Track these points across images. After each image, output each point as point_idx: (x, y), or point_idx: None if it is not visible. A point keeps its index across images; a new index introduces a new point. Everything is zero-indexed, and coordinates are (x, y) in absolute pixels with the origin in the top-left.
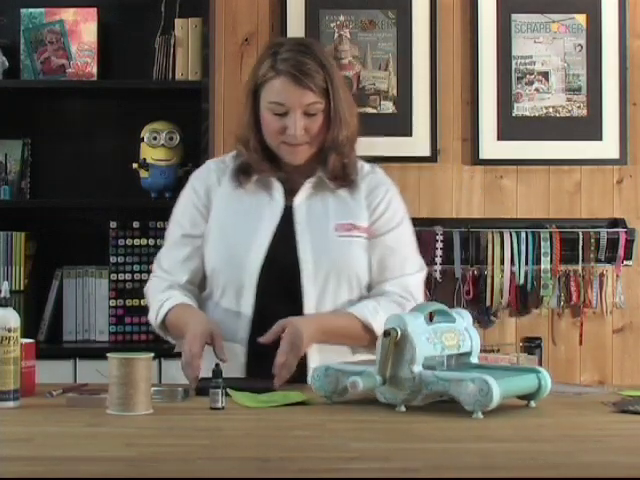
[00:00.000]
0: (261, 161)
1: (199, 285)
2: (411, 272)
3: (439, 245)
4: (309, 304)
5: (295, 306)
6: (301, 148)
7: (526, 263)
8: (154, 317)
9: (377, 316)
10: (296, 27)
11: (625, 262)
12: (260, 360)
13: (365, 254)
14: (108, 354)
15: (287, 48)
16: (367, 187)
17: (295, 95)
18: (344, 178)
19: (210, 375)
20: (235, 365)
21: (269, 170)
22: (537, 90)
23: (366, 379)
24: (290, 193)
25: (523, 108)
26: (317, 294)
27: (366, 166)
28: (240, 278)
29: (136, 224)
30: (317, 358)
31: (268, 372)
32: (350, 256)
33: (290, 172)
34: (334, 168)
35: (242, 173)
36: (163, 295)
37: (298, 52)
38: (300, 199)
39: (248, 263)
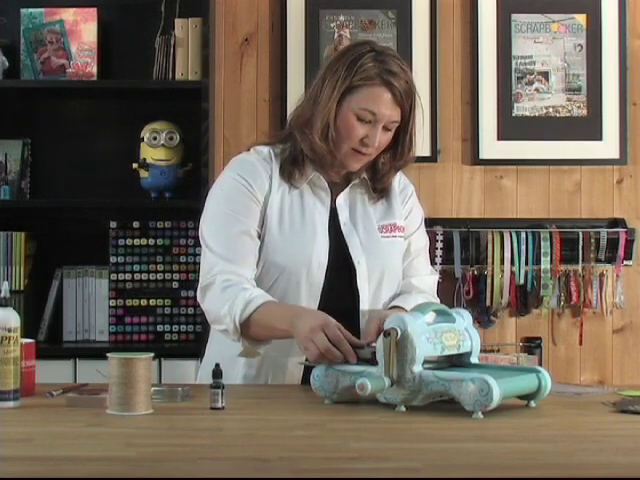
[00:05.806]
0: (336, 152)
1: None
2: (429, 273)
3: (439, 245)
4: (364, 303)
5: (352, 307)
6: (366, 157)
7: (526, 263)
8: (239, 312)
9: None
10: (296, 27)
11: (625, 262)
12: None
13: (402, 253)
14: (108, 354)
15: (391, 59)
16: (398, 186)
17: (388, 110)
18: (387, 189)
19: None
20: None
21: (336, 164)
22: (537, 90)
23: (374, 381)
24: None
25: (523, 108)
26: (372, 293)
27: None
28: (302, 282)
29: (136, 224)
30: None
31: None
32: (395, 257)
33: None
34: (389, 184)
35: (295, 166)
36: (245, 292)
37: (401, 68)
38: (341, 199)
39: (313, 267)
